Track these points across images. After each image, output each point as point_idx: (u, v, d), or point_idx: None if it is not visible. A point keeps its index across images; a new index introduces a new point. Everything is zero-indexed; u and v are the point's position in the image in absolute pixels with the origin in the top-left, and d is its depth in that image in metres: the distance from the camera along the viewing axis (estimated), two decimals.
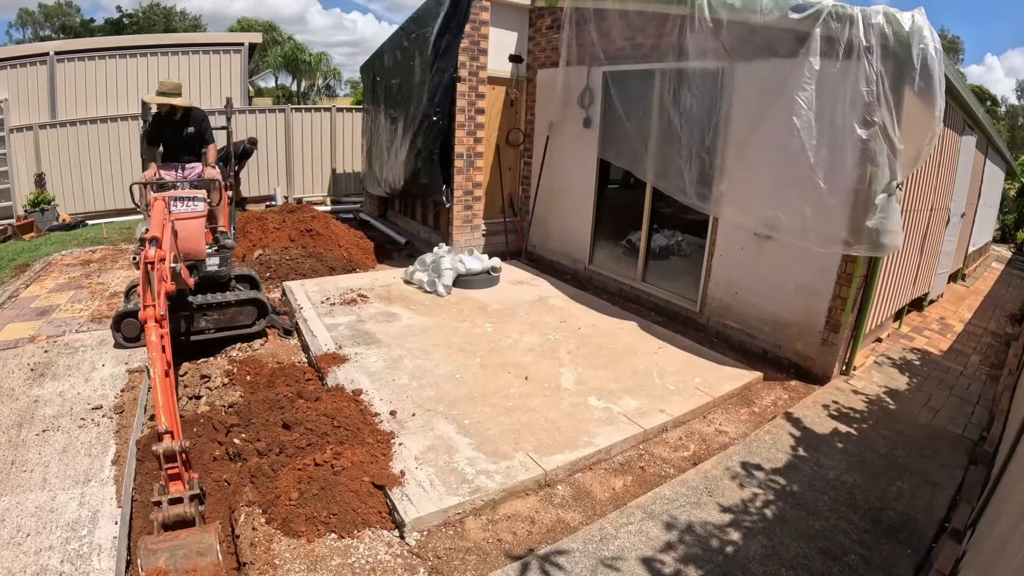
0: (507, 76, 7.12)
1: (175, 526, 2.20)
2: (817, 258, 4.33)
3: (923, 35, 3.57)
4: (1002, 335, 6.53)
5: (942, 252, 6.80)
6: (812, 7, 3.99)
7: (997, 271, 11.07)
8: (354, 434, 3.17)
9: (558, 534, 2.70)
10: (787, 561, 2.55)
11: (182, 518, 2.20)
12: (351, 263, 6.84)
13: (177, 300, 4.32)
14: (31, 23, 40.71)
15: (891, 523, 2.87)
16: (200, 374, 4.15)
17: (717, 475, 3.15)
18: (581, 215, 6.58)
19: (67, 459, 2.93)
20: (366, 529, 2.61)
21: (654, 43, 5.39)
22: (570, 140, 6.62)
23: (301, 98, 39.67)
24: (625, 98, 5.87)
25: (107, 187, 9.57)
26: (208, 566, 2.05)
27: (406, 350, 4.38)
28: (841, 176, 4.07)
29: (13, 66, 9.46)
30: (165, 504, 2.21)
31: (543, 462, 3.10)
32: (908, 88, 3.68)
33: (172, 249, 3.28)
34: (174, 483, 2.26)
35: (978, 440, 3.81)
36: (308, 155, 11.32)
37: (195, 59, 10.89)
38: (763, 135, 4.53)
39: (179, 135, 4.75)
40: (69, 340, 4.35)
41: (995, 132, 8.80)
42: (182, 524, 2.20)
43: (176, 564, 2.02)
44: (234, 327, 4.54)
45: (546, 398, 3.78)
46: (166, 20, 40.62)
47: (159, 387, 2.43)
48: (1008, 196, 16.30)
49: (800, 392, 4.29)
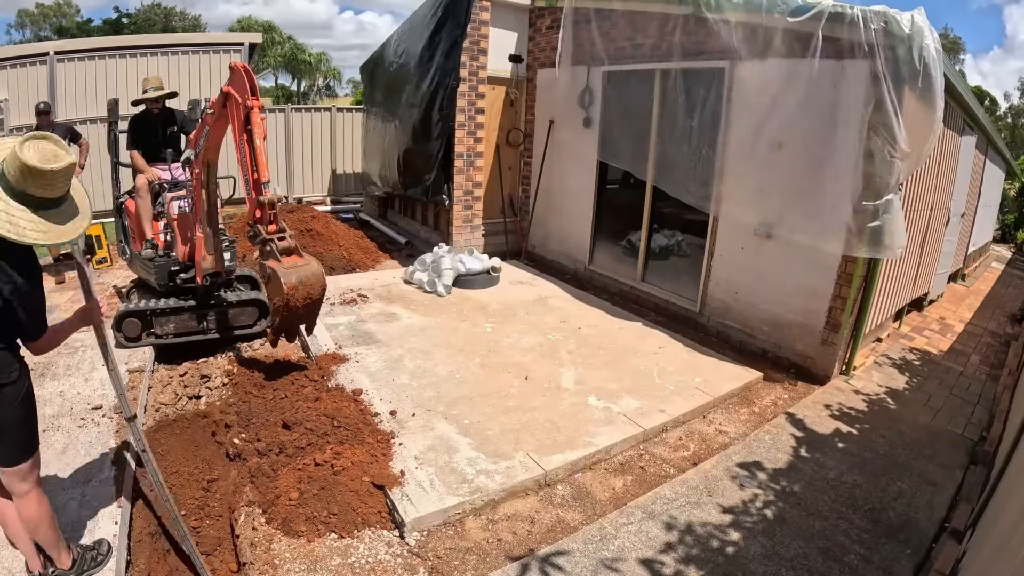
0: (507, 76, 7.12)
1: (288, 254, 3.03)
2: (817, 258, 4.33)
3: (923, 36, 3.58)
4: (1002, 335, 6.54)
5: (942, 252, 6.80)
6: (813, 8, 3.99)
7: (997, 271, 11.08)
8: (354, 434, 3.17)
9: (558, 534, 2.70)
10: (787, 561, 2.55)
11: (290, 248, 3.06)
12: (351, 263, 6.84)
13: (179, 297, 4.33)
14: (30, 23, 40.68)
15: (891, 523, 2.87)
16: (200, 374, 4.14)
17: (717, 475, 3.15)
18: (581, 215, 6.58)
19: (67, 459, 2.92)
20: (366, 529, 2.61)
21: (654, 43, 5.39)
22: (570, 140, 6.62)
23: (301, 98, 39.69)
24: (625, 98, 5.87)
25: (107, 187, 9.55)
26: (319, 279, 3.14)
27: (406, 350, 4.38)
28: (842, 176, 4.07)
29: (13, 66, 9.46)
30: (275, 240, 3.05)
31: (543, 462, 3.10)
32: (908, 89, 3.68)
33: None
34: (272, 225, 3.08)
35: (978, 440, 3.82)
36: (308, 155, 11.31)
37: (195, 59, 10.88)
38: (764, 135, 4.53)
39: (163, 133, 4.75)
40: (69, 340, 4.33)
41: (995, 132, 8.80)
42: (288, 253, 3.05)
43: (301, 279, 3.03)
44: (235, 327, 4.53)
45: (546, 398, 3.78)
46: (166, 20, 40.61)
47: (261, 156, 3.13)
48: (1008, 196, 16.31)
49: (800, 392, 4.29)
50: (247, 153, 3.19)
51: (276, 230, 3.09)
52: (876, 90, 3.77)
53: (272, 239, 3.04)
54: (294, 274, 2.97)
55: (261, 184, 3.12)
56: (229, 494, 2.97)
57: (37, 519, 2.07)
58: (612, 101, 6.01)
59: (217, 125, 3.49)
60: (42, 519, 2.08)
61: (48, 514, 2.10)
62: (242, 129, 3.19)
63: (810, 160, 4.26)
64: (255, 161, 3.16)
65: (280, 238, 3.07)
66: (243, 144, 3.20)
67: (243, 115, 3.16)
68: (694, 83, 5.03)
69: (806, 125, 4.25)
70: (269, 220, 3.05)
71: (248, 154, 3.19)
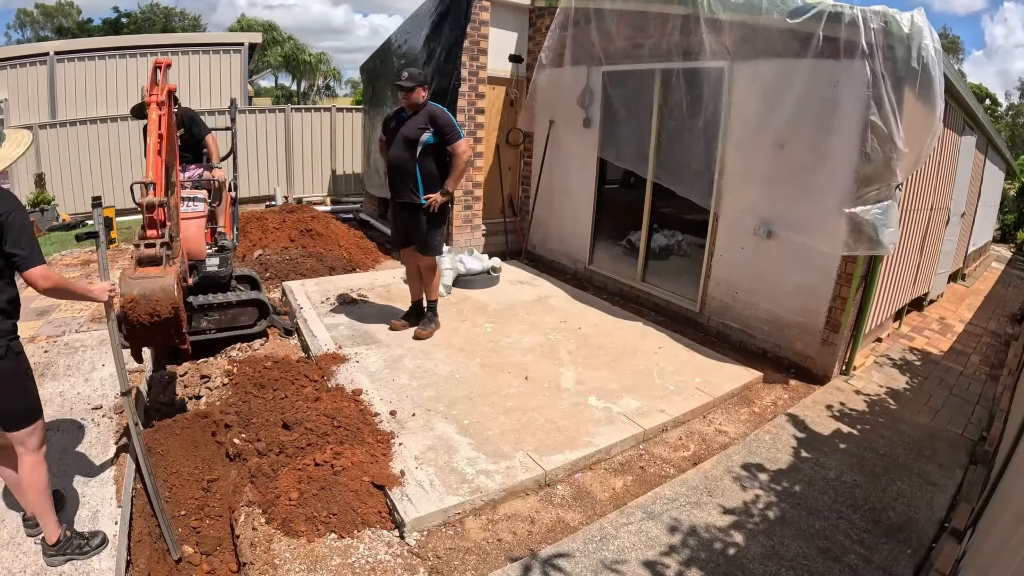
0: (507, 76, 7.12)
1: (147, 263, 2.60)
2: (817, 258, 4.33)
3: (923, 35, 3.58)
4: (1002, 335, 6.54)
5: (942, 252, 6.80)
6: (813, 8, 3.99)
7: (997, 271, 11.08)
8: (354, 434, 3.17)
9: (558, 534, 2.70)
10: (787, 561, 2.55)
11: (153, 258, 2.60)
12: (351, 263, 6.84)
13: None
14: (30, 23, 40.68)
15: (891, 523, 2.87)
16: (200, 374, 4.15)
17: (717, 475, 3.15)
18: (581, 215, 6.58)
19: (67, 459, 2.92)
20: (366, 529, 2.61)
21: (655, 43, 5.39)
22: (570, 140, 6.62)
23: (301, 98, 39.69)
24: (625, 98, 5.87)
25: (107, 187, 9.56)
26: (167, 295, 2.54)
27: (406, 350, 4.38)
28: (841, 176, 4.07)
29: (13, 66, 9.47)
30: (142, 245, 2.61)
31: (543, 462, 3.10)
32: (908, 89, 3.68)
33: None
34: (151, 230, 2.66)
35: (978, 440, 3.82)
36: (308, 155, 11.31)
37: (195, 59, 10.90)
38: (763, 135, 4.53)
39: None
40: (69, 340, 4.35)
41: (995, 132, 8.80)
42: (153, 263, 2.61)
43: (144, 293, 2.52)
44: (235, 327, 4.54)
45: (546, 398, 3.78)
46: (166, 20, 40.60)
47: (151, 153, 2.80)
48: (1008, 196, 16.31)
49: (800, 392, 4.29)
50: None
51: (155, 235, 2.66)
52: (875, 90, 3.77)
53: (140, 244, 2.64)
54: (136, 286, 2.51)
55: (145, 184, 2.72)
56: (229, 494, 2.97)
57: (26, 484, 2.24)
58: (612, 101, 6.01)
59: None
60: (31, 486, 2.23)
61: (38, 483, 2.24)
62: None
63: (810, 160, 4.26)
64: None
65: (148, 244, 2.63)
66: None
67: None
68: (694, 83, 5.03)
69: (806, 125, 4.26)
70: (149, 224, 2.65)
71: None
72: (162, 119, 2.93)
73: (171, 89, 3.15)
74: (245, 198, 10.22)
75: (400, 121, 4.30)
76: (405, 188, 4.34)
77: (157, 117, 2.90)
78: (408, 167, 4.26)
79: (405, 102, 4.23)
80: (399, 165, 4.29)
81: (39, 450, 2.26)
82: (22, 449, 2.22)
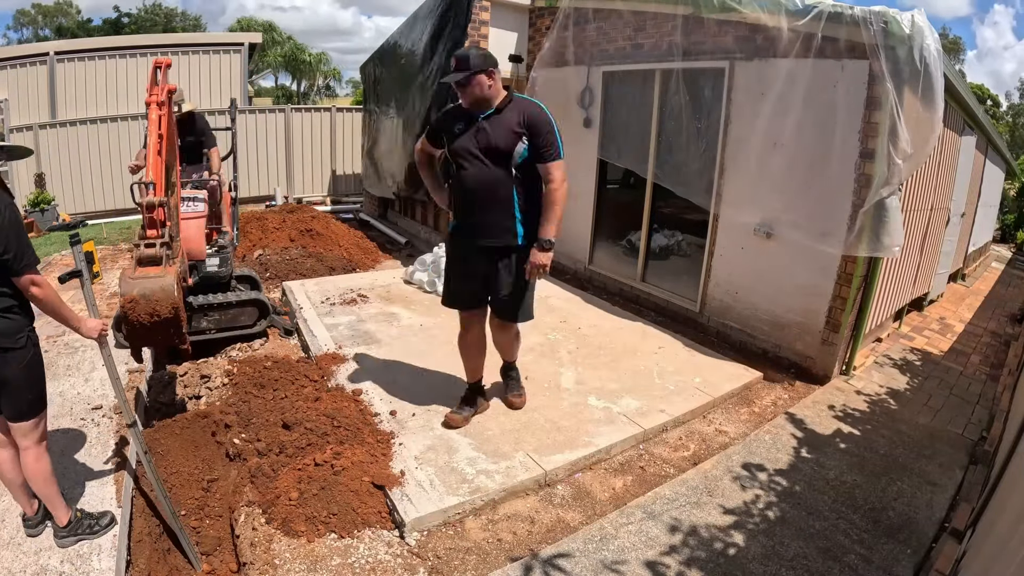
0: (507, 76, 7.12)
1: (146, 263, 2.58)
2: (817, 258, 4.33)
3: (923, 36, 3.58)
4: (1002, 335, 6.54)
5: (942, 252, 6.80)
6: (813, 9, 3.99)
7: (997, 271, 11.08)
8: (354, 434, 3.17)
9: (558, 534, 2.70)
10: (787, 561, 2.55)
11: (153, 258, 2.58)
12: (351, 263, 6.85)
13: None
14: (30, 23, 40.67)
15: (891, 523, 2.87)
16: (200, 374, 4.15)
17: (717, 475, 3.15)
18: (581, 215, 6.57)
19: (67, 459, 2.92)
20: (366, 529, 2.61)
21: (654, 43, 5.39)
22: (570, 140, 6.60)
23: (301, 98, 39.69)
24: (625, 98, 5.87)
25: (107, 187, 9.57)
26: (167, 295, 2.52)
27: (406, 350, 4.38)
28: (842, 176, 4.07)
29: (13, 66, 9.47)
30: (142, 245, 2.59)
31: (543, 462, 3.10)
32: (908, 89, 3.68)
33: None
34: (151, 230, 2.63)
35: (978, 440, 3.82)
36: (308, 155, 11.32)
37: (195, 59, 10.90)
38: (764, 135, 4.53)
39: (181, 143, 4.77)
40: (69, 340, 4.35)
41: (995, 132, 8.80)
42: (153, 263, 2.60)
43: (144, 293, 2.50)
44: (235, 327, 4.54)
45: (546, 398, 3.78)
46: (166, 20, 40.60)
47: (151, 153, 2.79)
48: (1008, 196, 16.32)
49: (800, 392, 4.29)
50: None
51: (155, 235, 2.63)
52: (876, 90, 3.77)
53: (140, 244, 2.61)
54: (136, 286, 2.49)
55: (145, 184, 2.70)
56: (229, 494, 2.97)
57: (32, 473, 2.30)
58: (612, 101, 6.01)
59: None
60: (37, 474, 2.30)
61: (43, 471, 2.31)
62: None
63: (810, 160, 4.26)
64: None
65: (148, 244, 2.60)
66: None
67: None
68: (694, 83, 5.03)
69: (806, 125, 4.26)
70: (149, 224, 2.63)
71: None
72: (162, 119, 2.93)
73: (171, 89, 3.15)
74: (245, 198, 10.22)
75: (469, 123, 2.98)
76: (496, 224, 3.00)
77: (157, 117, 2.90)
78: (503, 194, 2.96)
79: (467, 102, 2.94)
80: (489, 190, 2.96)
81: (42, 442, 2.31)
82: (26, 442, 2.25)
